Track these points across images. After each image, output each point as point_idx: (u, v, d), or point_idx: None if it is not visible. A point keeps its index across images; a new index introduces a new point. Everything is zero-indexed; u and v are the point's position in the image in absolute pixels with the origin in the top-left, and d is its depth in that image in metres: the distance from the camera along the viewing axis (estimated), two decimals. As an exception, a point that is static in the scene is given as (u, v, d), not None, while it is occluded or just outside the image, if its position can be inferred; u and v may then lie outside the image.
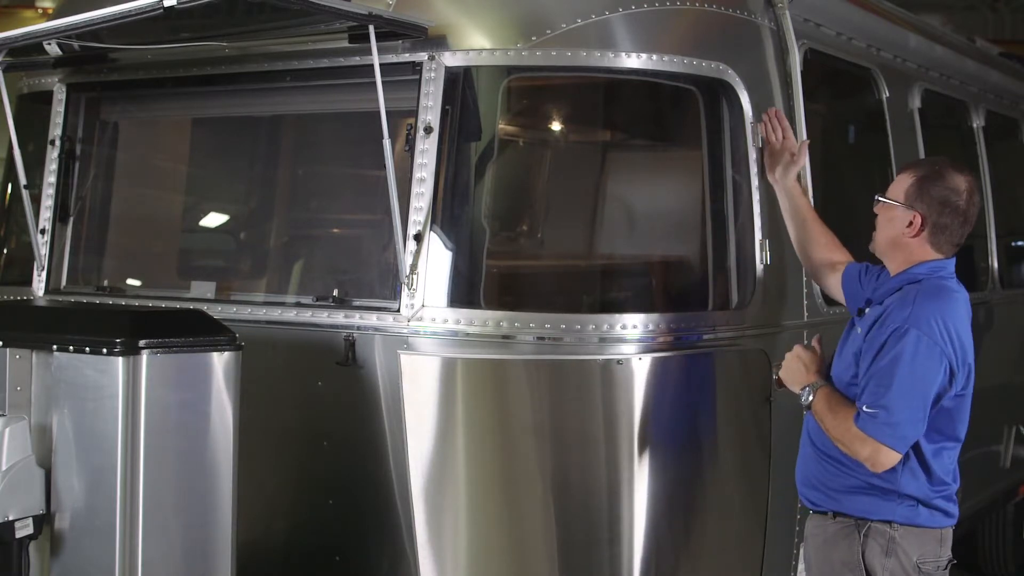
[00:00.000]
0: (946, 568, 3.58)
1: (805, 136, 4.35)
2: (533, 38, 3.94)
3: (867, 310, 3.64)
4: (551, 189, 4.45)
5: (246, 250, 4.89)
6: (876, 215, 3.66)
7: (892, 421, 3.35)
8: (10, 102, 4.49)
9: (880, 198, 3.63)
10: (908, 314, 3.41)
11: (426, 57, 3.93)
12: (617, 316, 3.91)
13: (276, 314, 4.17)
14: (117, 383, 3.32)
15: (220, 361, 3.53)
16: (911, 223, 3.55)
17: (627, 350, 3.90)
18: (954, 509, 3.58)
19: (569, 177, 4.48)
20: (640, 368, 3.88)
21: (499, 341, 3.85)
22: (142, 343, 3.35)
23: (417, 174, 3.89)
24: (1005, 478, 6.78)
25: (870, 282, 3.78)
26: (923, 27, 6.17)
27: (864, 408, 3.39)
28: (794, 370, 3.66)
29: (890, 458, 3.39)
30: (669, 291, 4.36)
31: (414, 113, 3.91)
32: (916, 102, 5.62)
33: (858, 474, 3.51)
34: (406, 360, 3.81)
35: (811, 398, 3.55)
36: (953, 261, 3.63)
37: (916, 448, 3.47)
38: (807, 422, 3.71)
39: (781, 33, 4.42)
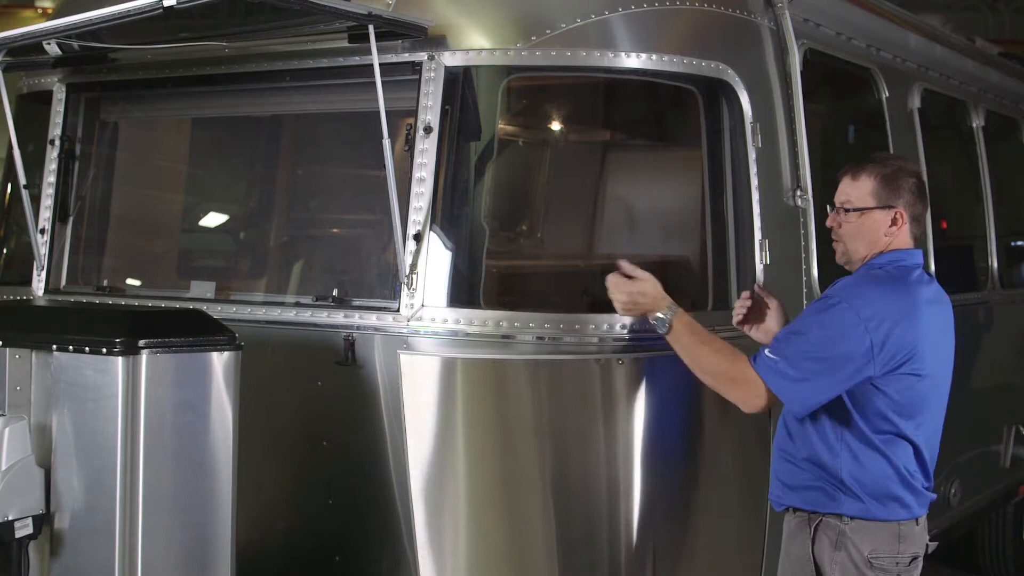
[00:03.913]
0: (911, 564, 3.52)
1: (805, 139, 4.36)
2: (533, 38, 3.94)
3: None
4: (551, 189, 4.45)
5: (246, 250, 4.89)
6: (834, 226, 3.65)
7: (788, 374, 3.39)
8: (10, 102, 4.49)
9: (851, 208, 3.60)
10: (843, 288, 3.49)
11: (426, 57, 3.93)
12: (617, 316, 3.91)
13: (276, 314, 4.17)
14: (117, 383, 3.32)
15: (220, 361, 3.53)
16: (895, 220, 3.59)
17: (627, 350, 3.90)
18: (914, 501, 3.52)
19: (569, 177, 4.48)
20: (640, 368, 3.88)
21: (499, 341, 3.85)
22: (142, 343, 3.34)
23: (417, 174, 3.89)
24: (1005, 478, 6.77)
25: None
26: (923, 27, 6.17)
27: (767, 352, 3.43)
28: (639, 298, 3.66)
29: (759, 403, 3.45)
30: (669, 291, 4.36)
31: (414, 113, 3.91)
32: (916, 102, 5.62)
33: (810, 469, 3.52)
34: (406, 360, 3.81)
35: (669, 322, 3.57)
36: (920, 253, 3.65)
37: (858, 434, 3.47)
38: (779, 429, 3.71)
39: (781, 33, 4.42)
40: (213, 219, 5.08)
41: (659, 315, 3.62)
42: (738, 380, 3.48)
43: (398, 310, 3.88)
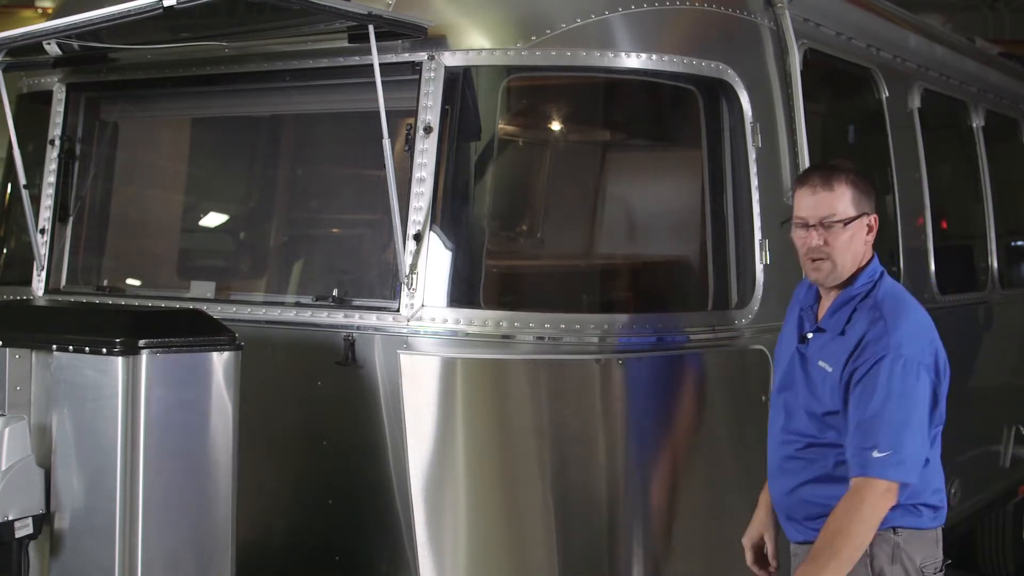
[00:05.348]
0: (941, 570, 3.51)
1: (805, 139, 4.35)
2: (533, 38, 3.94)
3: (811, 335, 3.46)
4: (551, 189, 4.45)
5: (246, 250, 4.89)
6: (819, 243, 3.35)
7: (903, 458, 3.22)
8: (10, 102, 4.50)
9: (840, 220, 3.34)
10: (885, 342, 3.24)
11: (426, 57, 3.93)
12: (617, 316, 3.91)
13: (276, 314, 4.17)
14: (117, 383, 3.32)
15: (220, 361, 3.53)
16: (870, 227, 3.42)
17: (627, 350, 3.90)
18: (944, 504, 3.50)
19: (569, 177, 4.48)
20: (639, 368, 3.88)
21: (499, 341, 3.85)
22: (142, 343, 3.35)
23: (417, 174, 3.89)
24: (1005, 478, 6.77)
25: (797, 299, 3.63)
26: (923, 27, 6.17)
27: (874, 454, 3.21)
28: None
29: (896, 493, 3.27)
30: (669, 291, 4.36)
31: (414, 113, 3.91)
32: (916, 102, 5.62)
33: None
34: (406, 360, 3.81)
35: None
36: (877, 259, 3.48)
37: None
38: (773, 457, 3.57)
39: (781, 33, 4.42)
40: (213, 219, 5.07)
41: None
42: (879, 493, 3.23)
43: (398, 310, 3.88)
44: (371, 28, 3.71)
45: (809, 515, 3.46)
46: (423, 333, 3.85)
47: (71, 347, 3.42)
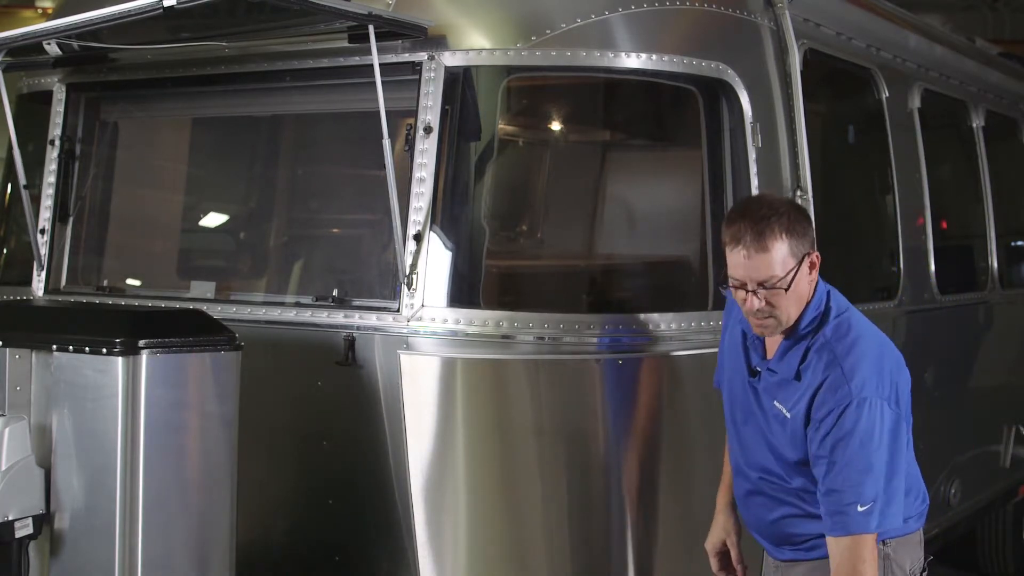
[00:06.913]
0: (925, 569, 3.44)
1: (805, 139, 4.35)
2: (533, 38, 3.94)
3: (763, 373, 3.29)
4: (551, 189, 4.45)
5: (246, 250, 4.89)
6: (762, 306, 3.15)
7: (888, 502, 3.11)
8: (10, 102, 4.50)
9: (780, 286, 3.12)
10: (846, 389, 3.09)
11: (426, 57, 3.93)
12: (617, 316, 3.91)
13: (276, 314, 4.17)
14: (117, 383, 3.32)
15: (220, 361, 3.53)
16: (812, 264, 3.21)
17: (627, 350, 3.90)
18: (926, 505, 3.44)
19: (569, 177, 4.48)
20: (639, 368, 3.88)
21: (499, 341, 3.85)
22: (142, 343, 3.35)
23: (417, 174, 3.89)
24: (1005, 478, 6.78)
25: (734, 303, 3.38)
26: (923, 27, 6.18)
27: (857, 509, 3.08)
28: None
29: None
30: (669, 290, 4.36)
31: (414, 113, 3.92)
32: (916, 102, 5.62)
33: None
34: (406, 360, 3.81)
35: None
36: (820, 282, 3.28)
37: None
38: (738, 487, 3.49)
39: (781, 33, 4.42)
40: (213, 219, 5.08)
41: None
42: (868, 546, 3.11)
43: (398, 310, 3.88)
44: (371, 28, 3.71)
45: (795, 544, 3.40)
46: (423, 333, 3.85)
47: (71, 347, 3.42)
